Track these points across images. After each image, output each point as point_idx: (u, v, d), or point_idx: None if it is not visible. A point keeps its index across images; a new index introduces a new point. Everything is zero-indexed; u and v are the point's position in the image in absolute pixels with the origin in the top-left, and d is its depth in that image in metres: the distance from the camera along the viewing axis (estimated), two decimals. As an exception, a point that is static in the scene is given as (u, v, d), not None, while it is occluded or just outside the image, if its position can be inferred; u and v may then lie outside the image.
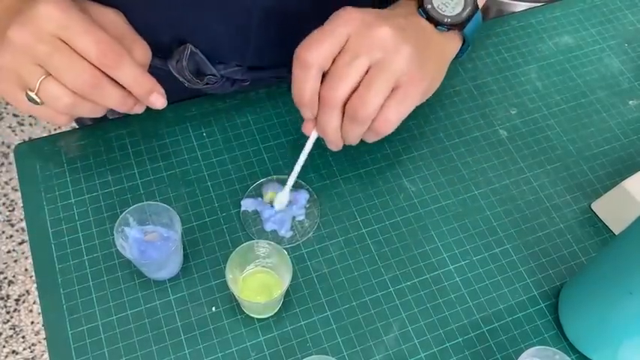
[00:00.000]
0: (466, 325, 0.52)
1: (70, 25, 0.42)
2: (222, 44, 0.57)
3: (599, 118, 0.65)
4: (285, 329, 0.51)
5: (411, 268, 0.54)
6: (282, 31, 0.57)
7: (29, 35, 0.42)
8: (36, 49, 0.42)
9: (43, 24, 0.42)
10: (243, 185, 0.57)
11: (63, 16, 0.42)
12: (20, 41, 0.42)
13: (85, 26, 0.43)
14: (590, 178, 0.61)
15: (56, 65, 0.42)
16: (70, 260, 0.53)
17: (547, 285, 0.54)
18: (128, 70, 0.44)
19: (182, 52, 0.57)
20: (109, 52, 0.43)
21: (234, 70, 0.59)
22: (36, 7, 0.42)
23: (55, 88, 0.43)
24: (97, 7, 0.47)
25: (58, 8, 0.42)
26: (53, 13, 0.42)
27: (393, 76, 0.45)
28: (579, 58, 0.70)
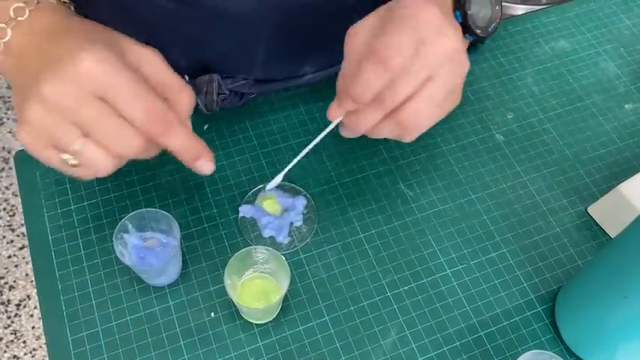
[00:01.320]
0: (463, 329, 0.52)
1: (116, 87, 0.37)
2: (230, 59, 0.57)
3: (595, 122, 0.66)
4: (284, 334, 0.51)
5: (409, 272, 0.55)
6: (291, 46, 0.57)
7: (69, 96, 0.36)
8: (76, 112, 0.37)
9: (85, 83, 0.36)
10: (241, 191, 0.58)
11: (108, 75, 0.37)
12: (58, 101, 0.36)
13: (132, 88, 0.37)
14: (586, 181, 0.61)
15: (99, 131, 0.37)
16: (70, 267, 0.53)
17: (544, 289, 0.55)
18: (176, 138, 0.40)
19: (209, 84, 0.57)
20: (159, 120, 0.38)
21: (242, 83, 0.59)
22: (78, 61, 0.36)
23: (95, 153, 0.38)
24: (136, 48, 0.42)
25: (103, 64, 0.36)
26: (97, 70, 0.36)
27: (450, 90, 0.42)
28: (575, 62, 0.70)
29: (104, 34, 0.41)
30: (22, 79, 0.39)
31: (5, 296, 1.36)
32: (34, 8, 0.41)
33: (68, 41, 0.38)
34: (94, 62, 0.36)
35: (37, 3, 0.41)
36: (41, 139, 0.38)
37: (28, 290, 1.37)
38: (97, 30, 0.41)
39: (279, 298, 0.48)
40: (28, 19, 0.41)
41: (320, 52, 0.60)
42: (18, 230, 1.45)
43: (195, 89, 0.58)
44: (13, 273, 1.39)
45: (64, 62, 0.36)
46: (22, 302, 1.36)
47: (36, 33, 0.40)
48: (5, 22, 0.40)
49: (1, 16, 0.40)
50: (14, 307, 1.35)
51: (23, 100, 0.37)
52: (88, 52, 0.36)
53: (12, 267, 1.40)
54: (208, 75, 0.58)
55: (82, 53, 0.36)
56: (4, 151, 1.56)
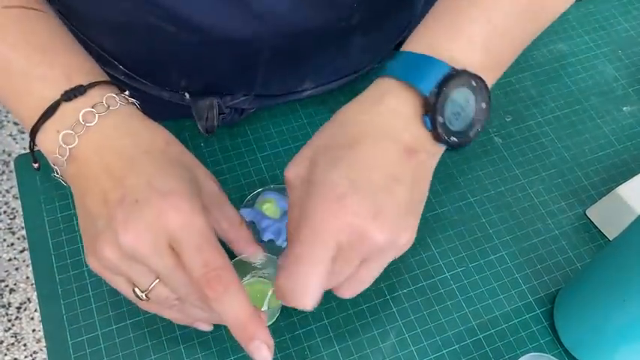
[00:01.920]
0: (462, 332, 0.52)
1: (186, 241, 0.35)
2: (230, 79, 0.57)
3: (593, 125, 0.66)
4: (283, 337, 0.51)
5: (408, 275, 0.55)
6: (291, 66, 0.57)
7: (144, 248, 0.34)
8: (150, 260, 0.35)
9: (159, 235, 0.34)
10: (240, 195, 0.58)
11: (182, 229, 0.35)
12: (134, 250, 0.35)
13: (200, 242, 0.35)
14: (584, 184, 0.62)
15: (170, 280, 0.36)
16: (70, 270, 0.53)
17: (542, 291, 0.55)
18: (230, 305, 0.35)
19: (209, 110, 0.57)
20: (213, 278, 0.35)
21: (242, 100, 0.59)
22: (156, 211, 0.34)
23: (166, 292, 0.38)
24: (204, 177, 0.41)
25: (181, 218, 0.35)
26: (173, 223, 0.34)
27: (385, 264, 0.39)
28: (573, 64, 0.70)
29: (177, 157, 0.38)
30: (89, 198, 0.37)
31: (6, 299, 1.36)
32: (105, 114, 0.38)
33: (147, 173, 0.36)
34: (174, 215, 0.34)
35: (107, 108, 0.38)
36: (113, 272, 0.38)
37: (28, 293, 1.38)
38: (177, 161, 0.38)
39: (279, 303, 0.48)
40: (98, 125, 0.38)
41: (321, 70, 0.60)
42: (18, 233, 1.45)
43: (195, 114, 0.59)
44: (14, 276, 1.39)
45: (148, 206, 0.34)
46: (23, 305, 1.36)
47: (108, 144, 0.38)
48: (72, 128, 0.37)
49: (67, 122, 0.38)
50: (15, 310, 1.35)
51: (94, 232, 0.36)
52: (169, 202, 0.34)
53: (12, 270, 1.40)
54: (209, 101, 0.57)
55: (163, 202, 0.34)
56: (5, 154, 1.57)
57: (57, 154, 0.38)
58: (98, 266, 0.38)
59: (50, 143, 0.38)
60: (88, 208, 0.37)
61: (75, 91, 0.38)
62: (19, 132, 1.60)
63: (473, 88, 0.38)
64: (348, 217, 0.34)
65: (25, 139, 1.59)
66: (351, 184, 0.34)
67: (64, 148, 0.38)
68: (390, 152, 0.36)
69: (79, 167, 0.38)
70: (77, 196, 0.39)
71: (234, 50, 0.52)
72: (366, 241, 0.35)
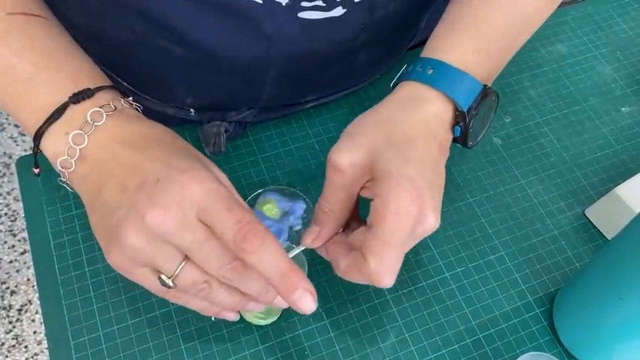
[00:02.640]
0: (462, 332, 0.53)
1: (214, 203, 0.35)
2: (235, 96, 0.58)
3: (592, 126, 0.66)
4: (284, 337, 0.51)
5: (408, 275, 0.55)
6: (297, 82, 0.57)
7: (172, 221, 0.34)
8: (179, 236, 0.35)
9: (186, 209, 0.34)
10: (241, 196, 0.58)
11: (208, 196, 0.35)
12: (164, 229, 0.34)
13: (228, 203, 0.35)
14: (583, 184, 0.62)
15: (201, 254, 0.35)
16: (72, 271, 0.53)
17: (542, 291, 0.55)
18: (267, 257, 0.35)
19: (217, 136, 0.57)
20: (249, 233, 0.34)
21: (246, 114, 0.59)
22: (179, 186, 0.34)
23: (194, 275, 0.37)
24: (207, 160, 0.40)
25: (204, 187, 0.35)
26: (198, 194, 0.34)
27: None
28: (572, 66, 0.71)
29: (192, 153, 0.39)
30: (106, 192, 0.36)
31: (7, 301, 1.36)
32: (112, 114, 0.39)
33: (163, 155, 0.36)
34: (197, 186, 0.34)
35: (114, 109, 0.39)
36: (138, 262, 0.36)
37: (29, 295, 1.38)
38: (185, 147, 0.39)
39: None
40: (105, 124, 0.38)
41: (325, 84, 0.61)
42: (19, 235, 1.46)
43: (203, 140, 0.59)
44: (15, 278, 1.40)
45: (170, 182, 0.34)
46: (24, 307, 1.36)
47: (116, 141, 0.38)
48: (81, 129, 0.38)
49: (75, 123, 0.38)
50: (16, 312, 1.35)
51: (114, 224, 0.35)
52: (191, 176, 0.35)
53: (13, 272, 1.40)
54: (216, 126, 0.58)
55: (185, 177, 0.34)
56: (5, 156, 1.57)
57: (66, 155, 0.38)
58: (121, 259, 0.36)
59: (58, 145, 0.38)
60: (106, 202, 0.36)
61: (83, 93, 0.38)
62: (19, 134, 1.60)
63: (493, 103, 0.46)
64: (423, 208, 0.39)
65: (26, 142, 1.60)
66: (423, 179, 0.39)
67: (74, 149, 0.38)
68: (435, 151, 0.42)
69: (92, 166, 0.38)
70: (91, 196, 0.38)
71: (242, 70, 0.52)
72: (426, 230, 0.40)
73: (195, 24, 0.47)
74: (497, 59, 0.47)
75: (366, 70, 0.62)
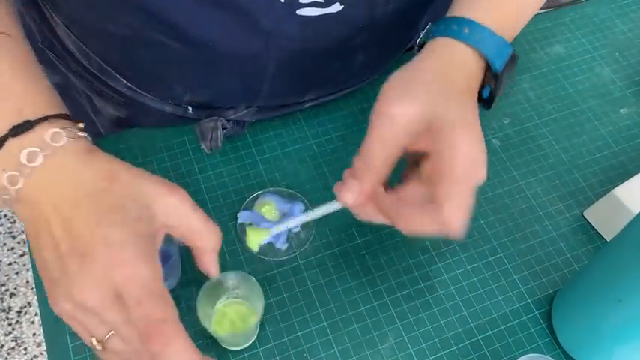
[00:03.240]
0: (461, 334, 0.53)
1: (128, 294, 0.35)
2: (234, 93, 0.58)
3: (590, 127, 0.66)
4: (283, 340, 0.51)
5: (406, 277, 0.55)
6: (295, 81, 0.57)
7: (93, 300, 0.34)
8: (101, 314, 0.35)
9: (104, 289, 0.35)
10: (240, 198, 0.58)
11: (125, 282, 0.34)
12: (85, 303, 0.35)
13: (141, 296, 0.35)
14: (582, 186, 0.62)
15: (121, 333, 0.36)
16: (70, 274, 0.53)
17: (540, 293, 0.55)
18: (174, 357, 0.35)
19: (214, 131, 0.57)
20: (154, 333, 0.34)
21: (244, 113, 0.59)
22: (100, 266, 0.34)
23: (120, 345, 0.37)
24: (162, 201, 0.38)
25: (124, 272, 0.35)
26: (117, 278, 0.34)
27: None
28: (571, 67, 0.71)
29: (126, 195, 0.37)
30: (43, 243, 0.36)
31: (6, 303, 1.36)
32: (50, 153, 0.37)
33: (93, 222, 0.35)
34: (118, 269, 0.34)
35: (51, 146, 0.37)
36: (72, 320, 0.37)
37: (29, 297, 1.38)
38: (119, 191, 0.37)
39: (255, 323, 0.48)
40: (43, 165, 0.37)
41: (324, 84, 0.60)
42: (19, 237, 1.46)
43: (199, 135, 0.59)
44: (14, 280, 1.40)
45: (89, 264, 0.34)
46: (23, 309, 1.36)
47: (54, 186, 0.37)
48: (17, 170, 0.36)
49: (12, 161, 0.37)
50: (15, 313, 1.35)
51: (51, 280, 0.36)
52: (112, 255, 0.34)
53: (13, 274, 1.40)
54: (213, 121, 0.58)
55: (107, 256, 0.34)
56: (5, 158, 1.57)
57: (3, 194, 0.37)
58: (59, 312, 0.37)
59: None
60: (42, 255, 0.37)
61: (22, 127, 0.37)
62: (19, 136, 1.60)
63: (514, 67, 0.46)
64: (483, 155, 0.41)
65: (26, 144, 1.59)
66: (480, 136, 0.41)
67: (9, 189, 0.37)
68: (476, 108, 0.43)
69: (29, 209, 0.37)
70: (31, 236, 0.38)
71: (240, 66, 0.53)
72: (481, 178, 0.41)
73: (194, 19, 0.47)
74: (516, 25, 0.48)
75: (364, 70, 0.62)
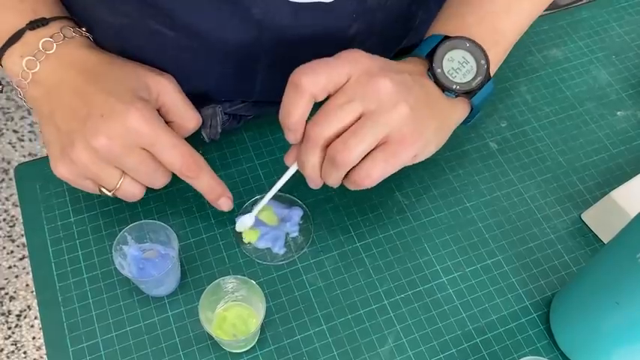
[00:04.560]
0: (460, 336, 0.53)
1: (157, 141, 0.46)
2: (229, 85, 0.58)
3: (587, 130, 0.66)
4: (282, 343, 0.52)
5: (405, 280, 0.55)
6: (290, 73, 0.57)
7: (117, 148, 0.44)
8: (121, 160, 0.45)
9: (132, 138, 0.45)
10: (239, 202, 0.58)
11: (151, 131, 0.45)
12: (107, 151, 0.44)
13: (170, 141, 0.46)
14: (579, 188, 0.62)
15: (138, 173, 0.47)
16: (70, 278, 0.54)
17: (539, 295, 0.55)
18: (205, 180, 0.50)
19: (213, 117, 0.58)
20: (192, 165, 0.48)
21: (241, 106, 0.60)
22: (127, 119, 0.44)
23: (132, 188, 0.48)
24: (156, 79, 0.49)
25: (146, 122, 0.45)
26: (142, 127, 0.45)
27: (382, 130, 0.44)
28: (568, 70, 0.71)
29: (128, 72, 0.48)
30: (58, 115, 0.45)
31: (6, 307, 1.36)
32: (62, 42, 0.47)
33: (108, 87, 0.45)
34: (141, 121, 0.44)
35: (63, 38, 0.47)
36: (82, 176, 0.46)
37: (28, 301, 1.38)
38: (121, 68, 0.48)
39: (257, 325, 0.48)
40: (56, 52, 0.46)
41: None
42: (18, 241, 1.46)
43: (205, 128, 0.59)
44: (14, 284, 1.40)
45: (113, 118, 0.44)
46: (23, 313, 1.36)
47: (66, 68, 0.46)
48: (34, 55, 0.46)
49: (29, 48, 0.46)
50: (15, 317, 1.35)
51: (66, 143, 0.44)
52: (135, 111, 0.44)
53: (12, 278, 1.40)
54: (212, 108, 0.58)
55: (131, 112, 0.44)
56: (4, 162, 1.57)
57: (20, 77, 0.46)
58: (68, 172, 0.46)
59: (14, 67, 0.46)
60: (58, 125, 0.45)
61: (38, 22, 0.46)
62: (18, 140, 1.60)
63: (467, 48, 0.49)
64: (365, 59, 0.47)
65: (25, 147, 1.60)
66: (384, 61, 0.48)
67: (27, 72, 0.46)
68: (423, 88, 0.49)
69: (44, 89, 0.45)
70: (44, 115, 0.46)
71: (234, 56, 0.53)
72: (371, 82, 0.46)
73: (188, 7, 0.48)
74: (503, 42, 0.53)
75: None
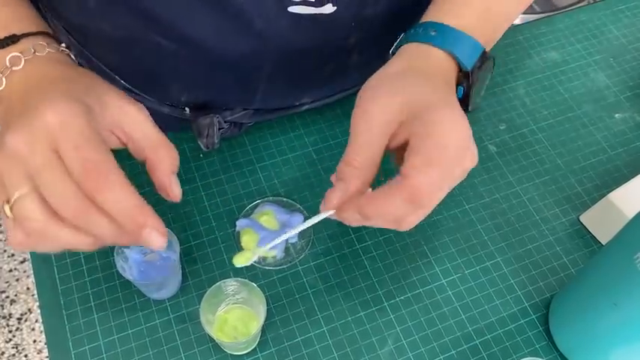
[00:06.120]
0: (459, 338, 0.53)
1: (65, 139, 0.35)
2: (229, 94, 0.58)
3: (585, 132, 0.67)
4: (283, 345, 0.52)
5: (405, 282, 0.56)
6: (290, 82, 0.58)
7: (23, 144, 0.35)
8: (27, 160, 0.35)
9: (39, 134, 0.35)
10: (239, 205, 0.59)
11: (61, 128, 0.35)
12: (13, 148, 0.35)
13: (78, 140, 0.35)
14: (578, 190, 0.63)
15: (43, 181, 0.35)
16: (72, 281, 0.54)
17: (537, 296, 0.56)
18: (112, 195, 0.34)
19: (210, 127, 0.58)
20: (92, 171, 0.34)
21: (241, 114, 0.60)
22: (37, 113, 0.36)
23: (29, 206, 0.35)
24: (119, 104, 0.40)
25: (59, 118, 0.35)
26: (52, 122, 0.35)
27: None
28: (566, 73, 0.72)
29: (86, 86, 0.39)
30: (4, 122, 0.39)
31: (7, 310, 1.37)
32: (31, 57, 0.41)
33: (44, 93, 0.38)
34: (52, 114, 0.35)
35: (33, 52, 0.41)
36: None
37: (29, 304, 1.38)
38: (81, 81, 0.40)
39: (258, 327, 0.49)
40: (23, 69, 0.41)
41: (319, 86, 0.61)
42: (19, 244, 1.46)
43: (196, 132, 0.59)
44: (15, 287, 1.40)
45: (29, 113, 0.36)
46: (24, 316, 1.36)
47: (27, 83, 0.40)
48: (0, 71, 0.41)
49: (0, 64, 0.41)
50: (15, 320, 1.36)
51: None
52: (50, 105, 0.35)
53: (13, 281, 1.41)
54: (209, 118, 0.58)
55: (45, 106, 0.36)
56: (5, 165, 1.57)
57: None
58: None
59: None
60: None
61: (8, 39, 0.42)
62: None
63: (490, 68, 0.47)
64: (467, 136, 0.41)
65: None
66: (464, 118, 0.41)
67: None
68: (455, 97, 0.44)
69: (5, 108, 0.40)
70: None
71: (234, 67, 0.53)
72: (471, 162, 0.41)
73: (188, 19, 0.48)
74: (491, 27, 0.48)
75: (359, 73, 0.63)
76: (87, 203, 0.34)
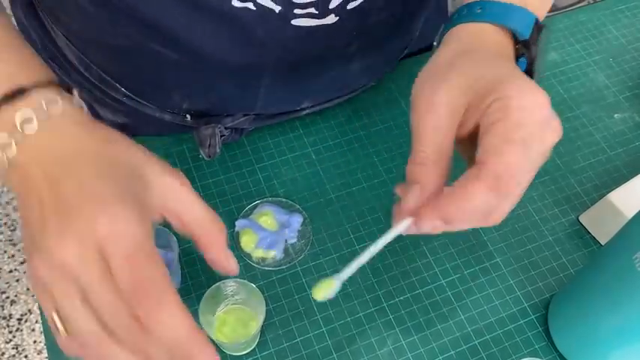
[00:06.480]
0: (458, 338, 0.53)
1: (115, 249, 0.31)
2: (230, 101, 0.58)
3: (585, 132, 0.67)
4: (282, 346, 0.52)
5: (404, 283, 0.56)
6: (291, 88, 0.58)
7: (72, 257, 0.31)
8: (76, 274, 0.31)
9: (88, 244, 0.31)
10: (238, 205, 0.59)
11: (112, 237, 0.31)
12: (61, 259, 0.31)
13: (129, 249, 0.31)
14: (577, 191, 0.63)
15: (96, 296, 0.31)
16: (71, 282, 0.54)
17: (537, 297, 0.56)
18: (164, 320, 0.30)
19: (212, 137, 0.58)
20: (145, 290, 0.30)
21: (242, 120, 0.60)
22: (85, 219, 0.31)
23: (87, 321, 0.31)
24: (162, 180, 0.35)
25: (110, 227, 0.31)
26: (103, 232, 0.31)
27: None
28: (565, 73, 0.71)
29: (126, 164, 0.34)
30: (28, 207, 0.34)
31: (7, 310, 1.37)
32: (44, 119, 0.34)
33: (83, 184, 0.32)
34: (104, 222, 0.31)
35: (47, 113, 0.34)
36: (42, 289, 0.32)
37: (29, 305, 1.38)
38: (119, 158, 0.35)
39: (257, 327, 0.49)
40: (35, 134, 0.34)
41: (320, 91, 0.61)
42: (19, 245, 1.46)
43: (198, 142, 0.59)
44: (15, 287, 1.40)
45: (71, 215, 0.31)
46: (24, 317, 1.36)
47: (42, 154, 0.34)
48: (10, 136, 0.34)
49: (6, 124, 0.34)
50: (16, 321, 1.36)
51: (31, 244, 0.33)
52: (99, 209, 0.31)
53: (13, 281, 1.41)
54: (211, 128, 0.58)
55: (93, 209, 0.31)
56: (5, 166, 1.57)
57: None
58: (33, 283, 0.33)
59: None
60: (27, 219, 0.34)
61: (15, 93, 0.35)
62: (19, 144, 1.61)
63: (545, 37, 0.42)
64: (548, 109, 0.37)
65: (25, 151, 1.60)
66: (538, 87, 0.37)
67: (3, 158, 0.34)
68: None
69: (21, 177, 0.35)
70: (20, 205, 0.35)
71: (236, 75, 0.53)
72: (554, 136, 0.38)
73: (190, 29, 0.48)
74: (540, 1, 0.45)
75: (360, 77, 0.63)
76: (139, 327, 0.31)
